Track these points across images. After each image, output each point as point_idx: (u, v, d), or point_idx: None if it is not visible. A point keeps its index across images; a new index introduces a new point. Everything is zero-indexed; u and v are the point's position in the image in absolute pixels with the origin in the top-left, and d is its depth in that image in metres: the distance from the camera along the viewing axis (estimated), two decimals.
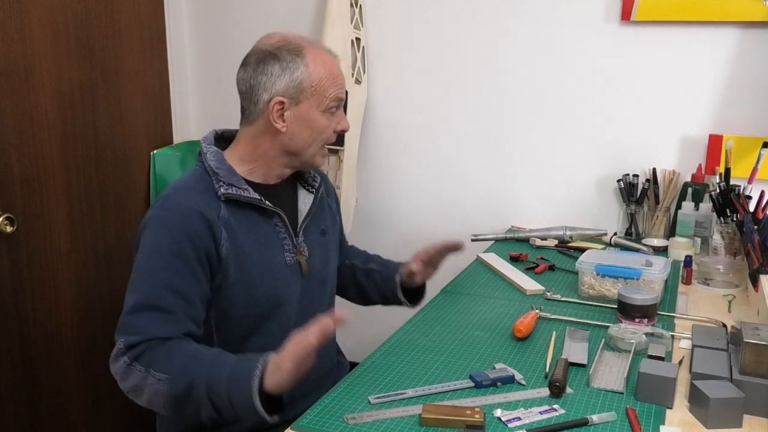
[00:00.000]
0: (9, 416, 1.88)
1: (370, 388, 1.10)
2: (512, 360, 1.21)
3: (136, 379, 1.15)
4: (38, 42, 1.88)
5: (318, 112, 1.33)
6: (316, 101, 1.32)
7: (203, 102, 2.54)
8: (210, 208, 1.26)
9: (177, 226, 1.23)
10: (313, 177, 1.45)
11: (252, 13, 2.41)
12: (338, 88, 1.34)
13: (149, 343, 1.16)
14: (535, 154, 2.17)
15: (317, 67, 1.31)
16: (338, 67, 1.36)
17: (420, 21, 2.22)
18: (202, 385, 1.10)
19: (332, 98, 1.33)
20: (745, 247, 1.55)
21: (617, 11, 1.99)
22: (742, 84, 1.91)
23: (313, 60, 1.31)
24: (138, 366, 1.15)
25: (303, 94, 1.31)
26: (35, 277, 1.93)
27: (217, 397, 1.10)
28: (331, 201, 1.54)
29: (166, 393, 1.13)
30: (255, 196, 1.30)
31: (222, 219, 1.26)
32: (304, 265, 1.37)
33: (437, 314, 1.44)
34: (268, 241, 1.33)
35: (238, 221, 1.29)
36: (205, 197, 1.27)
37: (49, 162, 1.95)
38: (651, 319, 1.35)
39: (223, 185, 1.29)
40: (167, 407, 1.14)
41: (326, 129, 1.35)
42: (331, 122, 1.35)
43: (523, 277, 1.66)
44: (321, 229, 1.44)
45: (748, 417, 1.02)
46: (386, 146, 2.35)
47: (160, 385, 1.13)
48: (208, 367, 1.12)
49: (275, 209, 1.33)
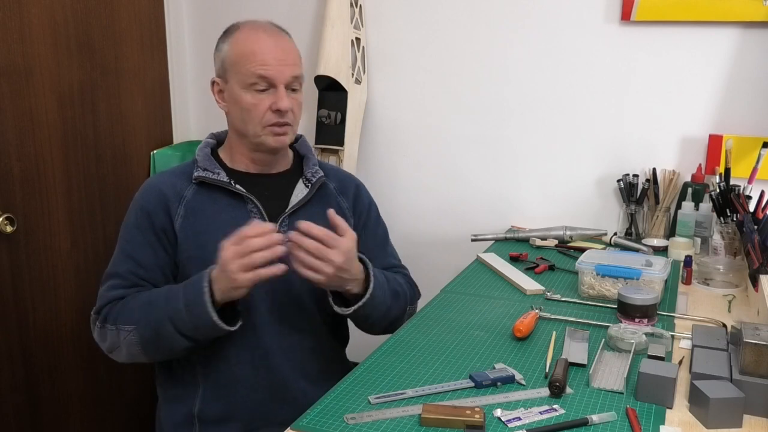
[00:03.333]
0: (9, 416, 1.88)
1: (370, 388, 1.10)
2: (512, 360, 1.21)
3: (112, 337, 1.29)
4: (38, 42, 1.88)
5: (241, 90, 1.33)
6: (238, 78, 1.34)
7: (203, 102, 2.54)
8: (174, 189, 1.37)
9: (139, 203, 1.37)
10: (313, 172, 1.45)
11: (252, 13, 2.40)
12: (257, 64, 1.31)
13: (110, 304, 1.31)
14: (535, 153, 2.17)
15: (239, 44, 1.35)
16: (266, 43, 1.33)
17: (420, 21, 2.22)
18: (166, 322, 1.23)
19: (249, 74, 1.32)
20: (745, 247, 1.55)
21: (617, 11, 1.99)
22: (742, 84, 1.91)
23: (237, 38, 1.35)
24: (108, 326, 1.30)
25: (227, 73, 1.36)
26: (35, 277, 1.93)
27: (183, 327, 1.23)
28: (344, 201, 1.50)
29: (138, 341, 1.26)
30: (223, 180, 1.36)
31: (184, 198, 1.36)
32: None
33: (437, 314, 1.44)
34: (238, 224, 1.27)
35: (206, 203, 1.36)
36: (176, 179, 1.38)
37: (49, 162, 1.95)
38: (651, 319, 1.35)
39: (198, 169, 1.38)
40: (146, 353, 1.28)
41: (253, 107, 1.33)
42: (259, 101, 1.33)
43: (523, 277, 1.66)
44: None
45: (748, 417, 1.02)
46: (386, 146, 2.35)
47: (131, 335, 1.26)
48: (163, 303, 1.25)
49: (248, 195, 1.37)
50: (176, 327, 1.23)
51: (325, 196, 1.46)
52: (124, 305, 1.29)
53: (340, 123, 2.22)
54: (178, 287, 1.26)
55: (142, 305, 1.27)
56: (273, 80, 1.33)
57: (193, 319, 1.22)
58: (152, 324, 1.25)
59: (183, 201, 1.36)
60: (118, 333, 1.28)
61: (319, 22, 2.26)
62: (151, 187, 1.38)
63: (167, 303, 1.24)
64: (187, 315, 1.22)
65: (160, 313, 1.24)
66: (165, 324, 1.24)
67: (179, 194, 1.36)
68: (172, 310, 1.23)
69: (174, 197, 1.36)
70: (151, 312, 1.25)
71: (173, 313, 1.23)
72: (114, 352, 1.32)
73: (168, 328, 1.24)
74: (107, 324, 1.30)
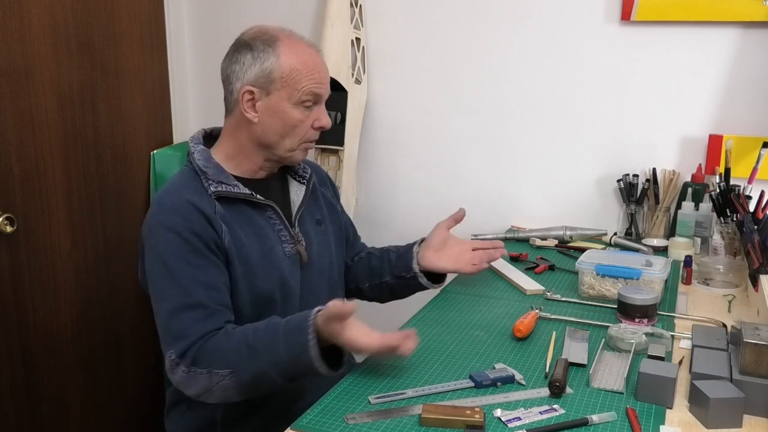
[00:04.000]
0: (9, 416, 1.88)
1: (370, 388, 1.10)
2: (512, 360, 1.21)
3: (203, 382, 1.17)
4: (38, 42, 1.88)
5: (290, 105, 1.30)
6: (287, 93, 1.30)
7: (203, 102, 2.54)
8: (205, 205, 1.27)
9: (181, 224, 1.24)
10: (303, 168, 1.45)
11: (252, 13, 2.41)
12: (313, 82, 1.30)
13: (198, 343, 1.18)
14: (535, 153, 2.17)
15: (289, 58, 1.29)
16: (316, 60, 1.32)
17: (420, 21, 2.22)
18: (266, 368, 1.15)
19: (305, 91, 1.30)
20: (745, 247, 1.55)
21: (617, 11, 1.99)
22: (742, 84, 1.91)
23: (285, 51, 1.30)
24: (199, 370, 1.17)
25: (273, 85, 1.30)
26: (35, 277, 1.93)
27: (283, 372, 1.15)
28: (326, 190, 1.53)
29: (234, 385, 1.16)
30: (245, 191, 1.32)
31: (219, 214, 1.27)
32: (304, 255, 1.37)
33: (437, 314, 1.44)
34: (266, 233, 1.33)
35: (232, 216, 1.30)
36: (198, 196, 1.28)
37: (49, 162, 1.95)
38: (651, 319, 1.35)
39: (212, 183, 1.30)
40: (242, 395, 1.19)
41: (300, 123, 1.32)
42: (306, 117, 1.32)
43: (523, 277, 1.66)
44: (316, 219, 1.45)
45: (748, 417, 1.02)
46: (386, 146, 2.35)
47: (226, 380, 1.16)
48: (263, 349, 1.14)
49: (267, 202, 1.34)
50: (279, 373, 1.15)
51: (313, 188, 1.47)
52: (216, 346, 1.17)
53: (340, 123, 2.22)
54: (277, 329, 1.17)
55: (238, 347, 1.16)
56: (322, 98, 1.34)
57: (299, 368, 1.14)
58: (251, 370, 1.15)
59: (218, 216, 1.27)
60: (211, 377, 1.16)
61: (319, 22, 2.26)
62: (184, 206, 1.26)
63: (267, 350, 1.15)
64: (290, 363, 1.14)
65: (260, 358, 1.15)
66: (267, 370, 1.15)
67: (212, 209, 1.27)
68: (275, 357, 1.14)
69: (211, 213, 1.26)
70: (250, 357, 1.15)
71: (276, 360, 1.14)
72: (203, 395, 1.19)
73: (270, 373, 1.15)
74: (196, 368, 1.17)
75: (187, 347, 1.17)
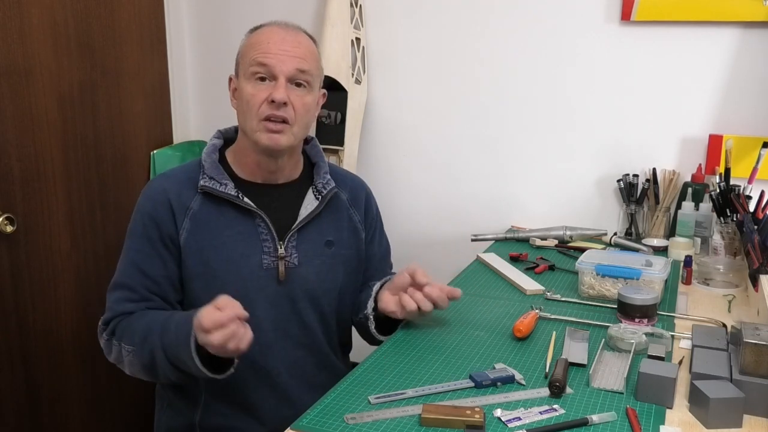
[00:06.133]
0: (9, 416, 1.88)
1: (370, 388, 1.10)
2: (512, 360, 1.21)
3: (116, 352, 1.26)
4: (38, 42, 1.88)
5: (244, 80, 1.28)
6: (243, 69, 1.29)
7: (203, 102, 2.54)
8: (180, 198, 1.29)
9: (146, 210, 1.30)
10: (324, 183, 1.38)
11: (252, 13, 2.41)
12: (259, 52, 1.26)
13: (118, 318, 1.27)
14: (535, 153, 2.17)
15: (252, 37, 1.30)
16: (274, 35, 1.28)
17: (420, 21, 2.23)
18: (160, 352, 1.18)
19: (251, 62, 1.26)
20: (745, 247, 1.55)
21: (617, 11, 1.99)
22: (742, 84, 1.91)
23: (254, 33, 1.31)
24: (114, 341, 1.26)
25: (238, 67, 1.32)
26: (35, 277, 1.93)
27: (176, 361, 1.17)
28: (356, 213, 1.44)
29: (138, 362, 1.22)
30: (230, 193, 1.29)
31: (190, 210, 1.29)
32: (282, 272, 1.31)
33: (437, 314, 1.44)
34: (245, 240, 1.30)
35: (212, 215, 1.29)
36: (182, 187, 1.31)
37: (49, 162, 1.95)
38: (651, 319, 1.35)
39: (205, 177, 1.30)
40: (144, 374, 1.25)
41: (251, 97, 1.26)
42: (257, 90, 1.26)
43: (523, 277, 1.66)
44: (326, 240, 1.37)
45: (748, 417, 1.02)
46: (386, 146, 2.35)
47: (131, 355, 1.23)
48: (159, 334, 1.19)
49: (252, 208, 1.30)
50: (169, 359, 1.18)
51: (336, 207, 1.40)
52: (129, 324, 1.25)
53: (340, 123, 2.22)
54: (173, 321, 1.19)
55: (143, 328, 1.22)
56: (272, 69, 1.26)
57: (183, 361, 1.15)
58: (147, 349, 1.20)
59: (189, 213, 1.29)
60: (121, 350, 1.24)
61: (319, 22, 2.26)
62: (158, 193, 1.31)
63: (162, 336, 1.18)
64: (176, 351, 1.16)
65: (155, 342, 1.19)
66: (157, 354, 1.19)
67: (185, 205, 1.29)
68: (166, 344, 1.17)
69: (180, 208, 1.29)
70: (148, 339, 1.20)
71: (166, 347, 1.17)
72: (119, 365, 1.28)
73: (160, 358, 1.19)
74: (113, 338, 1.26)
75: (110, 318, 1.28)
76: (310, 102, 1.32)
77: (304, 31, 1.35)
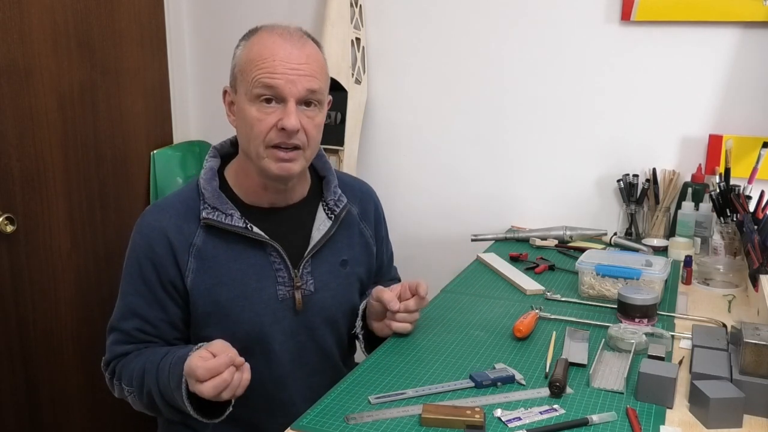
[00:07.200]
0: (9, 416, 1.88)
1: (370, 388, 1.10)
2: (512, 360, 1.21)
3: (118, 391, 1.24)
4: (38, 42, 1.88)
5: (247, 102, 1.14)
6: (244, 88, 1.14)
7: (203, 102, 2.54)
8: (181, 235, 1.18)
9: (143, 250, 1.19)
10: (336, 200, 1.28)
11: (252, 13, 2.41)
12: (263, 72, 1.11)
13: (116, 360, 1.23)
14: (535, 153, 2.17)
15: (252, 48, 1.14)
16: (279, 49, 1.13)
17: (420, 21, 2.22)
18: (157, 395, 1.15)
19: (255, 83, 1.12)
20: (745, 247, 1.55)
21: (617, 11, 1.99)
22: (742, 84, 1.91)
23: (252, 42, 1.15)
24: (115, 380, 1.24)
25: (236, 81, 1.17)
26: (35, 277, 1.93)
27: (173, 403, 1.13)
28: (366, 227, 1.37)
29: (138, 402, 1.20)
30: (238, 225, 1.18)
31: (194, 247, 1.18)
32: (299, 301, 1.24)
33: (437, 314, 1.44)
34: (258, 272, 1.21)
35: (219, 249, 1.19)
36: (181, 221, 1.19)
37: (49, 162, 1.95)
38: (651, 319, 1.35)
39: (207, 208, 1.18)
40: (149, 412, 1.22)
41: (256, 122, 1.13)
42: (264, 115, 1.13)
43: (523, 277, 1.66)
44: (341, 260, 1.30)
45: (748, 417, 1.02)
46: (386, 146, 2.35)
47: (131, 396, 1.20)
48: (155, 376, 1.14)
49: (268, 240, 1.20)
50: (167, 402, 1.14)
51: (348, 224, 1.32)
52: (127, 365, 1.20)
53: (340, 123, 2.22)
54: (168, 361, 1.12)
55: (139, 370, 1.17)
56: (281, 91, 1.13)
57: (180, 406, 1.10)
58: (146, 393, 1.16)
59: (192, 250, 1.18)
60: (123, 391, 1.21)
61: (319, 22, 2.26)
62: (154, 230, 1.18)
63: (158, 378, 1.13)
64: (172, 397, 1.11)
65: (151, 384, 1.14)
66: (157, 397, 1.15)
67: (187, 241, 1.18)
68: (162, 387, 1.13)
69: (182, 246, 1.18)
70: (145, 381, 1.16)
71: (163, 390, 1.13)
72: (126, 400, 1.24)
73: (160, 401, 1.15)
74: (114, 378, 1.23)
75: (109, 360, 1.24)
76: (322, 121, 1.22)
77: (307, 34, 1.23)
